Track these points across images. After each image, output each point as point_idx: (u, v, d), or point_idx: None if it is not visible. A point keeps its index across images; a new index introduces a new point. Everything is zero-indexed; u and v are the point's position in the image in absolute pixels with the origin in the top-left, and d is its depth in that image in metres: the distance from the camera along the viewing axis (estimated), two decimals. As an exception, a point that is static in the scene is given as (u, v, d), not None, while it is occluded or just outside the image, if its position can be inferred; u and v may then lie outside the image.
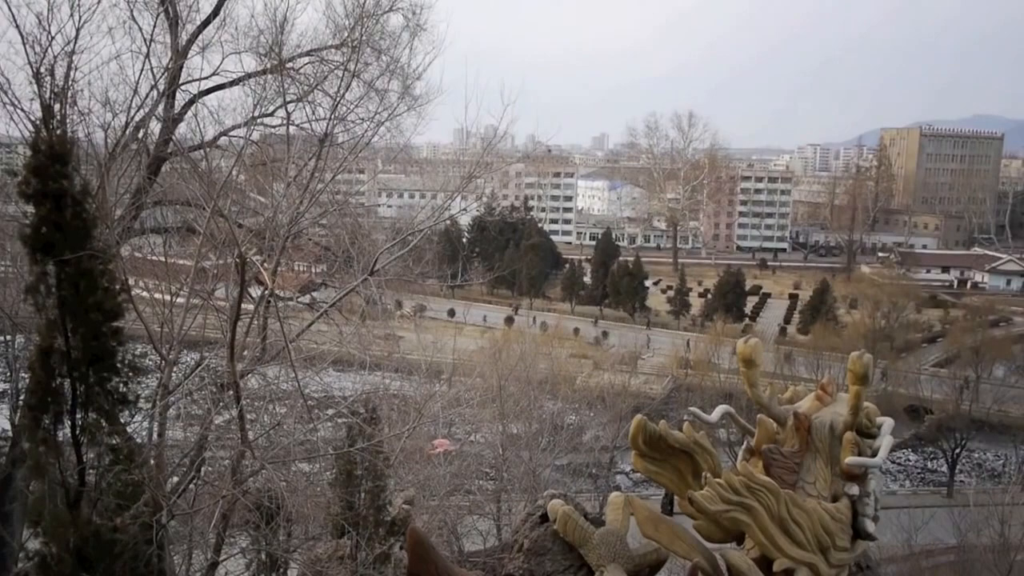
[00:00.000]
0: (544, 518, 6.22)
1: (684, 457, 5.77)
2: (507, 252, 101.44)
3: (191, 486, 11.30)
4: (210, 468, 12.29)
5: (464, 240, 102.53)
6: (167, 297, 12.38)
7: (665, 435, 5.49)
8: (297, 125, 15.46)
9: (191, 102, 16.72)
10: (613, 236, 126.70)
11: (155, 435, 11.26)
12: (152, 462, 10.86)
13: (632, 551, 5.64)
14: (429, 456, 18.18)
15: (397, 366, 24.27)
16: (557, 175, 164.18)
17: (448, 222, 64.87)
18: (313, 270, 18.64)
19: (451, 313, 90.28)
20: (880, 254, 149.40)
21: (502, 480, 24.15)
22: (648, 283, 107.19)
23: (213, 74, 16.54)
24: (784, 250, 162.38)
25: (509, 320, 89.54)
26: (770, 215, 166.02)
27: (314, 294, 18.36)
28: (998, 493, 34.74)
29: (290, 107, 15.03)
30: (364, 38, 15.51)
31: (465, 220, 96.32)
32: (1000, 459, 63.08)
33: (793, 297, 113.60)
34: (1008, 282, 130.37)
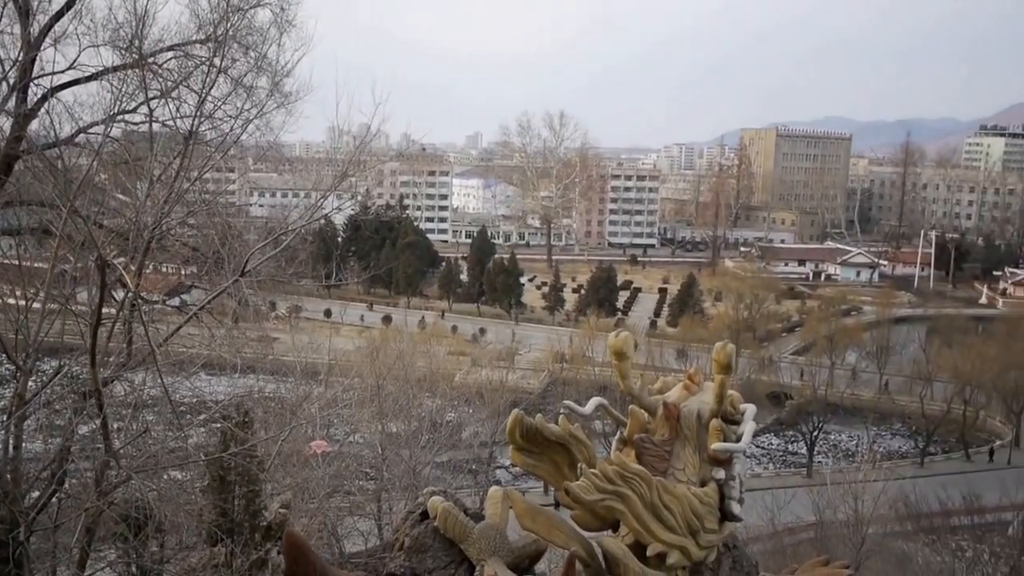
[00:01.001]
0: (424, 515, 6.25)
1: (560, 449, 5.91)
2: (383, 251, 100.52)
3: (53, 500, 10.76)
4: (74, 480, 11.73)
5: (339, 239, 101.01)
6: (22, 302, 11.72)
7: (541, 429, 5.63)
8: (161, 122, 14.88)
9: (45, 97, 15.82)
10: (488, 234, 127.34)
11: (11, 448, 10.67)
12: (8, 476, 10.30)
13: (512, 543, 5.75)
14: (307, 458, 17.88)
15: (272, 368, 23.74)
16: (432, 174, 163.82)
17: (322, 221, 63.72)
18: (183, 272, 18.00)
19: (327, 313, 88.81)
20: (742, 249, 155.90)
21: (382, 479, 23.99)
22: (523, 280, 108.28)
23: (69, 68, 15.68)
24: (653, 246, 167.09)
25: (387, 319, 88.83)
26: (639, 212, 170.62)
27: (184, 296, 17.74)
28: (852, 472, 36.87)
29: (153, 104, 14.44)
30: (231, 33, 15.08)
31: (340, 219, 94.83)
32: (853, 440, 66.82)
33: (662, 291, 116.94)
34: (858, 273, 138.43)
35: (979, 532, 32.44)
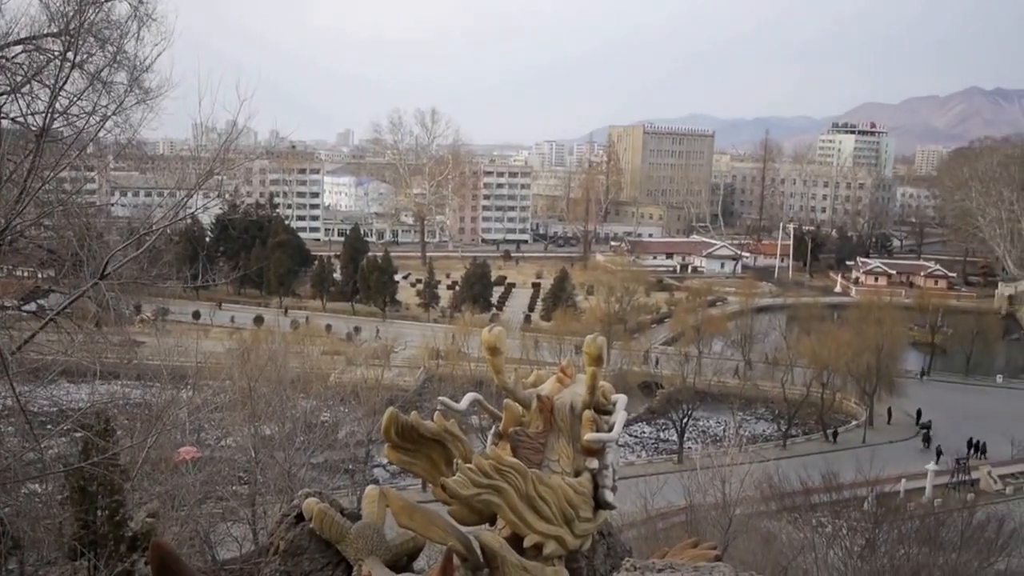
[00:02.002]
0: (300, 518, 6.15)
1: (436, 446, 5.92)
2: (253, 250, 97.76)
3: None
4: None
5: (207, 239, 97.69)
6: None
7: (417, 425, 5.62)
8: (11, 119, 14.04)
9: None
10: (361, 232, 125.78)
11: None
12: None
13: (389, 542, 5.73)
14: (175, 465, 17.27)
15: (137, 373, 22.77)
16: (303, 171, 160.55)
17: (188, 221, 61.47)
18: (39, 275, 17.04)
19: (196, 315, 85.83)
20: (612, 243, 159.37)
21: (256, 483, 23.37)
22: (398, 277, 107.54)
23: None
24: (526, 241, 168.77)
25: (258, 320, 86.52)
26: (512, 208, 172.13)
27: (41, 301, 16.80)
28: (720, 456, 38.34)
29: (1, 99, 13.63)
30: (86, 26, 14.35)
31: (208, 219, 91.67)
32: (721, 425, 69.41)
33: (536, 286, 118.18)
34: (722, 265, 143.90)
35: (837, 508, 34.33)
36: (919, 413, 69.20)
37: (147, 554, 8.72)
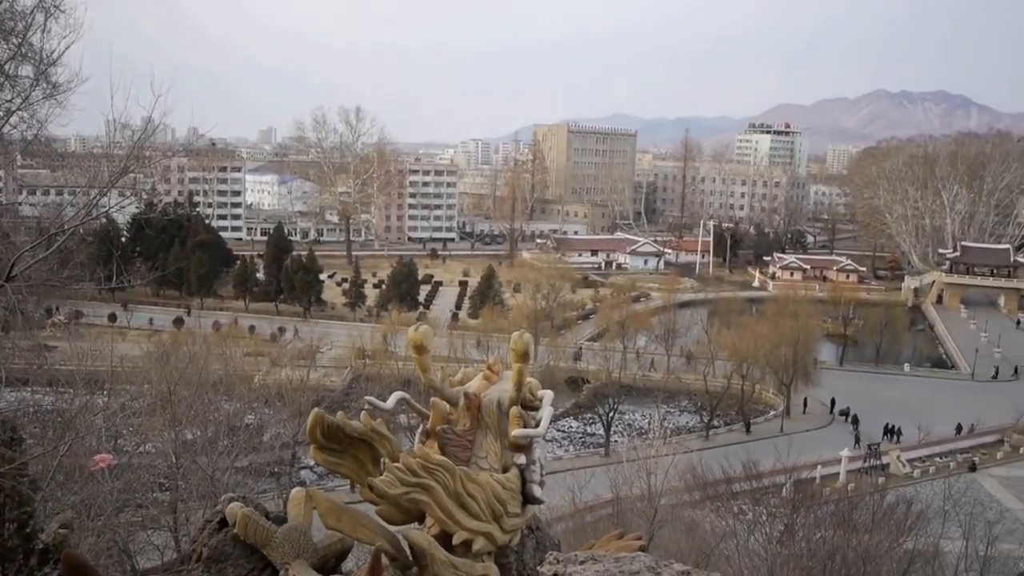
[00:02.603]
0: (223, 523, 6.03)
1: (363, 446, 5.88)
2: (172, 251, 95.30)
3: None
4: None
5: (123, 239, 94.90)
6: None
7: (343, 426, 5.57)
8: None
9: None
10: (285, 231, 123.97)
11: None
12: None
13: (316, 544, 5.67)
14: (91, 473, 16.73)
15: (49, 379, 21.99)
16: (223, 169, 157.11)
17: (102, 220, 59.70)
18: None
19: (112, 318, 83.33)
20: (538, 241, 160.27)
21: (178, 489, 22.83)
22: (323, 276, 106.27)
23: None
24: (453, 239, 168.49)
25: (178, 321, 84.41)
26: (438, 207, 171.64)
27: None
28: (645, 448, 38.93)
29: None
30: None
31: (123, 218, 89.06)
32: (646, 418, 70.45)
33: (463, 284, 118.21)
34: (645, 262, 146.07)
35: (757, 495, 35.24)
36: (833, 402, 71.53)
37: (60, 567, 8.43)
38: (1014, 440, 63.00)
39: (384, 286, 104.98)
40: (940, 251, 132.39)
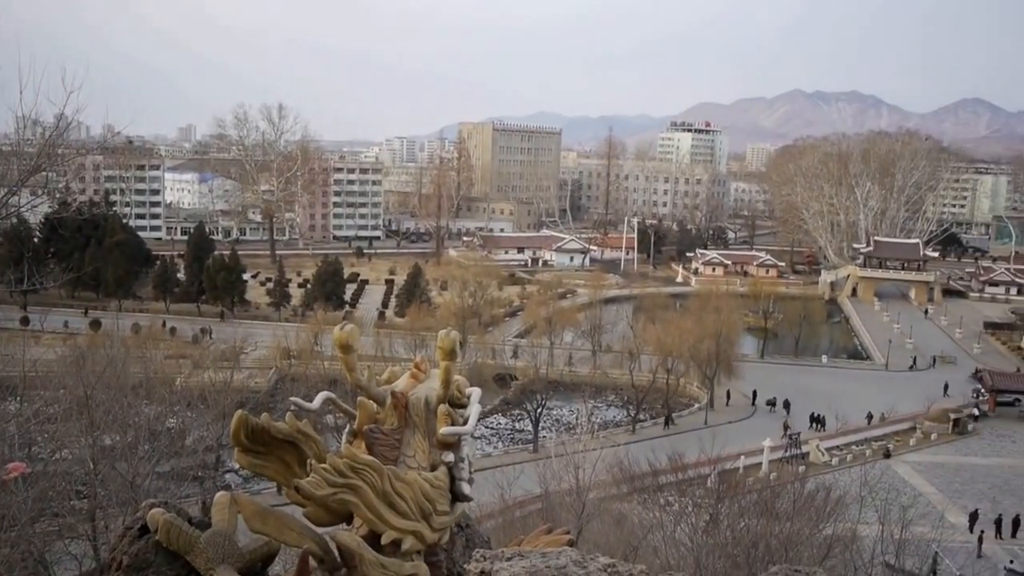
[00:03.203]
0: (144, 530, 5.88)
1: (289, 447, 5.80)
2: (88, 251, 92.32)
3: None
4: None
5: (35, 240, 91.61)
6: None
7: (268, 427, 5.48)
8: None
9: None
10: (206, 230, 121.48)
11: None
12: None
13: (242, 548, 5.57)
14: (4, 482, 16.11)
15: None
16: (141, 168, 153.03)
17: (13, 220, 57.60)
18: None
19: (25, 321, 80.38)
20: (465, 238, 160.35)
21: (96, 497, 22.12)
22: (246, 276, 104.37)
23: None
24: (378, 238, 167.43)
25: (95, 324, 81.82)
26: (363, 205, 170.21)
27: None
28: (573, 443, 39.25)
29: None
30: None
31: (35, 218, 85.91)
32: (573, 413, 71.07)
33: (389, 282, 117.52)
34: (571, 259, 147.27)
35: (683, 487, 35.88)
36: (755, 394, 73.25)
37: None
38: (925, 427, 65.54)
39: (309, 285, 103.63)
40: (854, 246, 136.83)
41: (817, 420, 66.97)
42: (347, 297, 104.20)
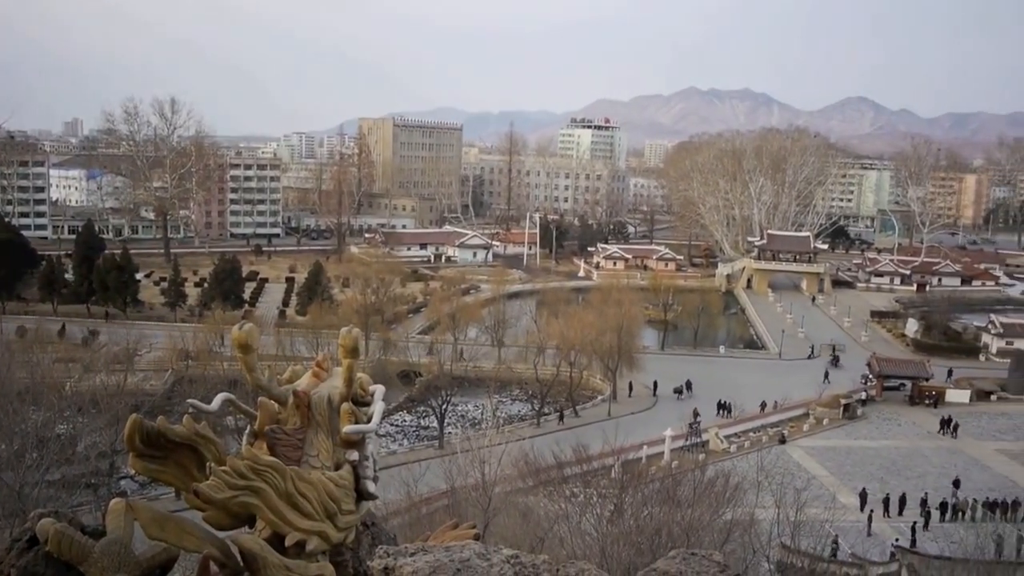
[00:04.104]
0: (33, 541, 5.65)
1: (187, 451, 5.64)
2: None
3: None
4: None
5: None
6: None
7: (164, 431, 5.33)
8: None
9: None
10: (96, 228, 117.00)
11: None
12: None
13: (139, 556, 5.40)
14: None
15: None
16: (24, 164, 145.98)
17: None
18: None
19: None
20: (366, 235, 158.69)
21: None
22: (139, 276, 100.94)
23: None
24: (278, 235, 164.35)
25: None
26: (262, 201, 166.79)
27: None
28: (478, 438, 39.36)
29: None
30: None
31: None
32: (479, 408, 71.28)
33: (290, 280, 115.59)
34: (474, 254, 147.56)
35: (588, 478, 36.44)
36: (656, 384, 74.87)
37: None
38: (817, 412, 68.21)
39: (206, 284, 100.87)
40: (749, 239, 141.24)
41: (724, 407, 69.13)
42: (246, 296, 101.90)
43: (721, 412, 68.85)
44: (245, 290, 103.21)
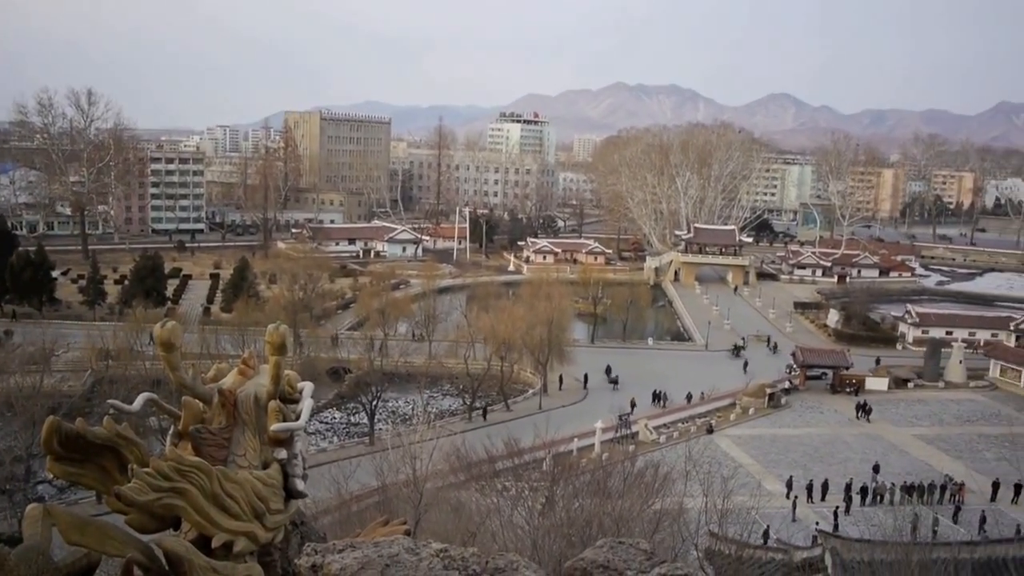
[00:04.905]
0: (-55, 550, 5.43)
1: (108, 453, 5.49)
2: None
3: None
4: None
5: None
6: None
7: (83, 432, 5.18)
8: None
9: None
10: (9, 224, 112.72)
11: None
12: None
13: (58, 563, 5.24)
14: None
15: None
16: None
17: None
18: None
19: None
20: (293, 230, 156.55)
21: None
22: (56, 273, 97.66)
23: None
24: (202, 231, 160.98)
25: None
26: (184, 196, 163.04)
27: None
28: (409, 434, 39.14)
29: None
30: None
31: None
32: (409, 404, 70.99)
33: (214, 277, 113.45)
34: (404, 249, 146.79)
35: (520, 471, 36.58)
36: (586, 377, 75.60)
37: None
38: (743, 402, 69.74)
39: (127, 282, 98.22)
40: (676, 233, 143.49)
41: (659, 397, 70.34)
42: (169, 293, 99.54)
43: (657, 402, 70.09)
44: (168, 287, 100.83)
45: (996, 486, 51.86)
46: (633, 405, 66.04)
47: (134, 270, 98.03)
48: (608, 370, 76.55)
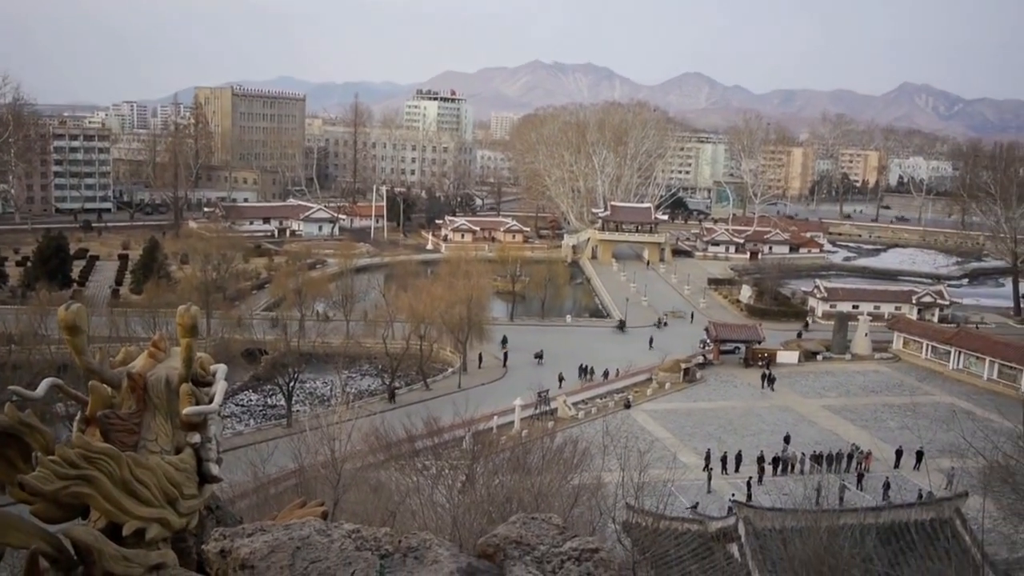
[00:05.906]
0: None
1: (11, 441, 5.30)
2: None
3: None
4: None
5: None
6: None
7: (-17, 421, 4.99)
8: None
9: None
10: None
11: None
12: None
13: (-42, 557, 5.05)
14: None
15: None
16: None
17: None
18: None
19: None
20: (206, 209, 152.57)
21: None
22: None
23: None
24: (109, 210, 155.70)
25: None
26: (90, 175, 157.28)
27: None
28: (327, 415, 38.74)
29: None
30: None
31: None
32: (327, 385, 70.28)
33: (123, 257, 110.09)
34: (320, 228, 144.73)
35: (440, 450, 36.66)
36: (506, 356, 76.03)
37: None
38: (660, 377, 71.12)
39: (29, 263, 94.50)
40: (593, 210, 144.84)
41: (585, 371, 71.28)
42: (75, 275, 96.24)
43: (584, 375, 71.23)
44: (73, 269, 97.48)
45: (899, 454, 54.20)
46: (561, 379, 66.64)
47: (37, 251, 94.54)
48: (504, 340, 77.27)
